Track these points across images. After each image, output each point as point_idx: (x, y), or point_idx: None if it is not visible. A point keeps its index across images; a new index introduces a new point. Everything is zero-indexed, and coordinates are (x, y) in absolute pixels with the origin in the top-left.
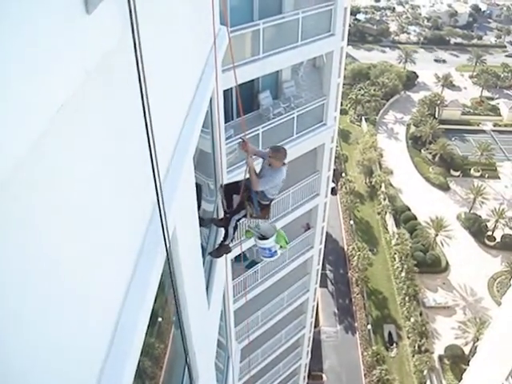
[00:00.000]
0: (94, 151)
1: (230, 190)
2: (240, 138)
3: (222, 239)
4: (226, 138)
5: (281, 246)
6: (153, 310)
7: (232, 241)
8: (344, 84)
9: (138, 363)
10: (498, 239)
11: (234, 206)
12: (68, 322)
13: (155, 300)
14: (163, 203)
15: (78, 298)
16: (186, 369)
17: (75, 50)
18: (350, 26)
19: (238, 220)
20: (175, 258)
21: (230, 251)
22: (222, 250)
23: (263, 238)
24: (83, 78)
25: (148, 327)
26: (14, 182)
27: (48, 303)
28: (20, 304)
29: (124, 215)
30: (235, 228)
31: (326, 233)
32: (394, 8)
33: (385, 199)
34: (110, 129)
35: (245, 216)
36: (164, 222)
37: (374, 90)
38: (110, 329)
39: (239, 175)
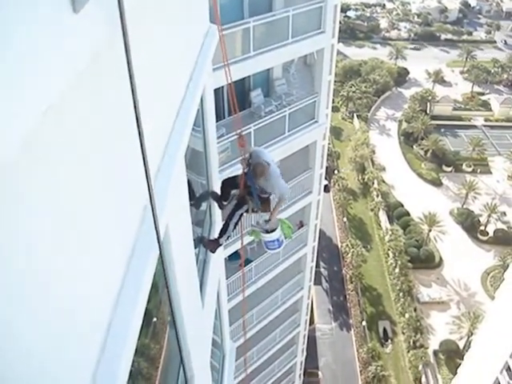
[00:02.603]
0: (83, 150)
1: (228, 185)
2: (236, 134)
3: (218, 235)
4: (218, 137)
5: (285, 235)
6: (146, 309)
7: (228, 238)
8: (335, 81)
9: (133, 363)
10: (491, 234)
11: (228, 199)
12: (58, 324)
13: (148, 300)
14: (155, 202)
15: (68, 299)
16: (181, 368)
17: (63, 49)
18: (340, 23)
19: (241, 215)
20: (168, 258)
21: (214, 252)
22: (211, 245)
23: (268, 231)
24: (73, 78)
25: (142, 327)
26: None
27: (36, 305)
28: (9, 306)
29: (115, 214)
30: (236, 224)
31: (320, 230)
32: (384, 5)
33: (378, 196)
34: (99, 127)
35: (246, 211)
36: (156, 221)
37: (366, 87)
38: (103, 330)
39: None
